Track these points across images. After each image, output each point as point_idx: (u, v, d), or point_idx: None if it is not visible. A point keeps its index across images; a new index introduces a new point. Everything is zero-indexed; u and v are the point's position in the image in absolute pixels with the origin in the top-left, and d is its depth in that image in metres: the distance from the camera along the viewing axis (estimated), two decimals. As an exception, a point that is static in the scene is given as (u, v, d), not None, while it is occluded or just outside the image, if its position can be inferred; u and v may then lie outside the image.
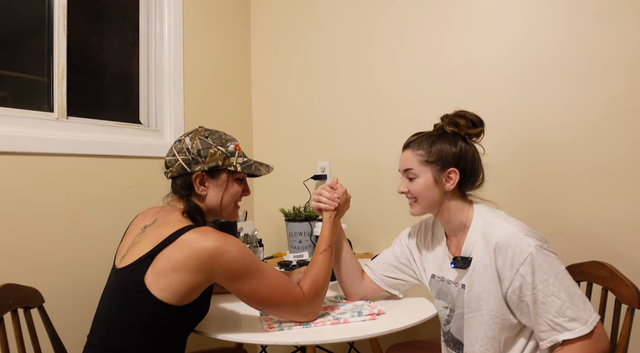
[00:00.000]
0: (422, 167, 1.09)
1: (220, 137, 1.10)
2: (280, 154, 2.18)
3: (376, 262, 1.29)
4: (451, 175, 1.08)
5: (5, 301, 0.98)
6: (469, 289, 1.05)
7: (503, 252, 0.98)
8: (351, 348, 1.90)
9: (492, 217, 1.06)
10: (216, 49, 2.03)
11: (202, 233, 0.95)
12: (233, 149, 1.10)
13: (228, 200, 1.10)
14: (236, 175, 1.11)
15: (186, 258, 0.91)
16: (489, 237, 1.02)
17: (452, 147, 1.09)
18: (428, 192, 1.09)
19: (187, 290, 0.93)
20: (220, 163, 1.07)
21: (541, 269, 0.94)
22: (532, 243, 0.95)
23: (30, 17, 1.39)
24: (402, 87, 1.87)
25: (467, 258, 1.06)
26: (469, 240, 1.07)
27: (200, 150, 1.05)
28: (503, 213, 1.09)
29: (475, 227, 1.07)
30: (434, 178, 1.09)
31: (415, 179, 1.10)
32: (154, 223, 1.04)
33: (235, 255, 0.95)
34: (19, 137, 1.23)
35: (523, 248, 0.95)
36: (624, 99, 1.46)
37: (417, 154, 1.10)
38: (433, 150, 1.09)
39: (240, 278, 0.97)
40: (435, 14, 1.79)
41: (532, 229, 1.01)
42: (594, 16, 1.50)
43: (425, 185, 1.09)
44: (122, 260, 1.00)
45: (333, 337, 1.02)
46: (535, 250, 0.94)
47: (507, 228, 1.00)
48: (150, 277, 0.92)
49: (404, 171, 1.13)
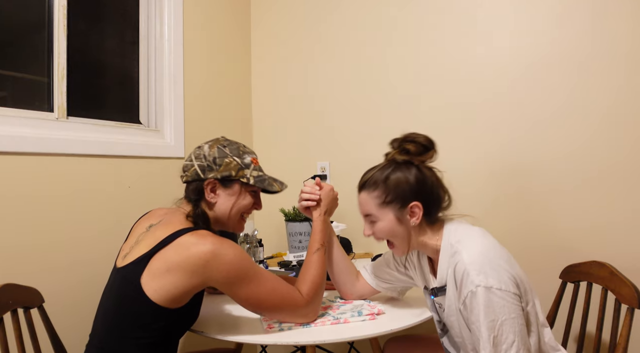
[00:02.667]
0: (381, 210, 1.03)
1: (238, 148, 1.10)
2: (280, 154, 2.18)
3: (375, 265, 1.27)
4: (414, 210, 1.01)
5: (5, 301, 0.98)
6: (447, 313, 1.03)
7: (458, 280, 0.93)
8: (351, 348, 1.90)
9: (456, 242, 0.98)
10: (216, 49, 2.03)
11: (199, 237, 0.95)
12: (249, 162, 1.10)
13: (236, 211, 1.10)
14: (249, 188, 1.11)
15: (182, 260, 0.91)
16: (452, 264, 0.97)
17: (408, 179, 1.02)
18: (395, 232, 1.03)
19: (179, 293, 0.93)
20: (234, 173, 1.07)
21: (476, 310, 0.88)
22: (476, 282, 0.88)
23: (30, 17, 1.39)
24: (402, 87, 1.86)
25: (442, 288, 1.02)
26: (440, 268, 1.02)
27: (216, 158, 1.06)
28: (476, 232, 1.01)
29: (444, 253, 1.01)
30: (396, 218, 1.02)
31: (377, 223, 1.04)
32: (159, 223, 1.04)
33: (231, 259, 0.94)
34: (19, 137, 1.23)
35: (467, 284, 0.90)
36: (618, 102, 1.46)
37: (373, 196, 1.03)
38: (389, 188, 1.02)
39: (237, 283, 0.97)
40: (438, 15, 1.79)
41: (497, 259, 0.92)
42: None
43: (389, 228, 1.03)
44: (123, 259, 1.01)
45: (333, 337, 1.02)
46: (476, 290, 0.88)
47: (463, 257, 0.93)
48: (145, 278, 0.92)
49: (365, 216, 1.07)
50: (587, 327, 1.23)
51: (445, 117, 1.76)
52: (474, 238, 0.98)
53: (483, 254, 0.93)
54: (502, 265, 0.92)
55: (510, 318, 0.87)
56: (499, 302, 0.87)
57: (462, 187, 1.72)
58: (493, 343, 0.86)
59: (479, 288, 0.88)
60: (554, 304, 1.35)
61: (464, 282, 0.91)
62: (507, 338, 0.86)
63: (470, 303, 0.89)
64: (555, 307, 1.34)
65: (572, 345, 1.43)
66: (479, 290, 0.87)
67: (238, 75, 2.18)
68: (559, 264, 1.36)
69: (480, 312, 0.87)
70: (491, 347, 0.86)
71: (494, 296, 0.87)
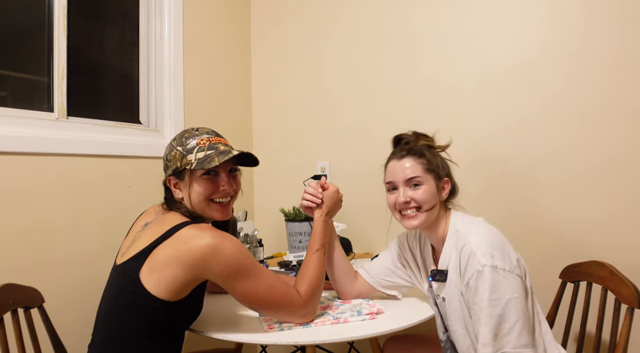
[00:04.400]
0: (426, 175, 1.07)
1: (182, 136, 1.05)
2: (280, 154, 2.18)
3: (373, 265, 1.27)
4: (444, 186, 1.09)
5: (5, 301, 0.98)
6: (449, 302, 1.04)
7: (463, 263, 0.96)
8: (351, 348, 1.90)
9: (462, 227, 1.03)
10: (216, 49, 2.03)
11: (198, 230, 0.95)
12: (193, 145, 1.02)
13: (196, 198, 1.03)
14: (198, 172, 1.02)
15: (180, 253, 0.91)
16: (458, 248, 1.00)
17: (437, 158, 1.10)
18: (433, 199, 1.07)
19: (178, 286, 0.92)
20: (179, 164, 1.02)
21: (482, 289, 0.90)
22: (482, 262, 0.91)
23: (30, 17, 1.39)
24: (402, 87, 1.86)
25: (443, 272, 1.05)
26: (444, 253, 1.06)
27: (167, 155, 1.05)
28: (478, 221, 1.06)
29: (450, 239, 1.05)
30: (436, 186, 1.08)
31: (421, 186, 1.06)
32: (154, 221, 1.05)
33: (229, 253, 0.93)
34: (19, 137, 1.23)
35: (473, 265, 0.92)
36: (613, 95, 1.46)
37: (420, 161, 1.08)
38: (431, 158, 1.09)
39: (235, 277, 0.96)
40: (438, 15, 1.79)
41: (501, 244, 0.96)
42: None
43: (430, 192, 1.06)
44: (122, 256, 1.01)
45: (333, 337, 1.02)
46: (482, 269, 0.90)
47: (470, 240, 0.97)
48: (145, 272, 0.92)
49: (408, 180, 1.08)
50: (587, 327, 1.23)
51: (445, 116, 1.76)
52: (480, 225, 1.04)
53: (489, 238, 0.97)
54: (507, 249, 0.95)
55: (514, 298, 0.88)
56: (503, 281, 0.89)
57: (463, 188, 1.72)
58: (496, 322, 0.88)
59: (485, 268, 0.90)
60: (553, 304, 1.35)
61: (470, 263, 0.93)
62: (510, 318, 0.88)
63: (476, 283, 0.91)
64: (555, 306, 1.34)
65: (572, 345, 1.43)
66: (485, 269, 0.90)
67: (238, 75, 2.18)
68: (558, 264, 1.36)
69: (485, 291, 0.89)
70: (494, 324, 0.87)
71: (499, 276, 0.89)
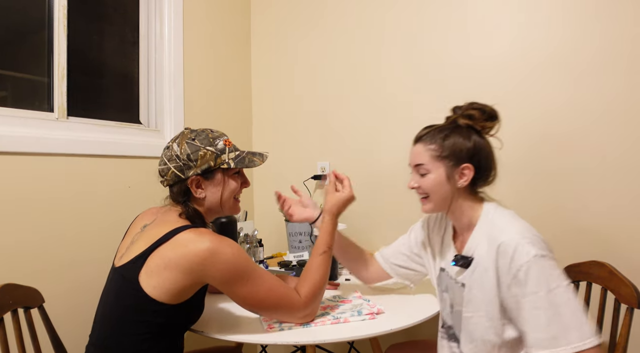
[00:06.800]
0: (434, 163, 1.05)
1: (207, 137, 1.07)
2: (281, 154, 2.18)
3: (390, 249, 1.29)
4: (465, 171, 1.04)
5: (6, 301, 0.98)
6: (468, 289, 1.04)
7: (504, 255, 0.94)
8: (351, 348, 1.90)
9: (499, 218, 1.02)
10: (216, 49, 2.03)
11: (197, 234, 0.95)
12: (223, 146, 1.07)
13: (227, 196, 1.09)
14: (231, 171, 1.09)
15: (179, 257, 0.91)
16: (493, 239, 0.98)
17: (466, 142, 1.04)
18: (440, 189, 1.05)
19: (178, 290, 0.92)
20: (213, 163, 1.04)
21: (534, 280, 0.89)
22: (532, 252, 0.90)
23: (30, 17, 1.39)
24: (402, 87, 1.86)
25: (467, 258, 1.04)
26: (472, 240, 1.04)
27: (190, 154, 1.03)
28: (512, 213, 1.04)
29: (480, 227, 1.03)
30: (446, 175, 1.04)
31: (427, 175, 1.06)
32: (152, 223, 1.04)
33: (228, 258, 0.94)
34: (19, 137, 1.23)
35: (522, 255, 0.91)
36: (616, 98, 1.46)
37: (429, 148, 1.06)
38: (446, 144, 1.04)
39: (235, 282, 0.96)
40: (438, 14, 1.79)
41: (539, 235, 0.96)
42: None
43: (437, 181, 1.05)
44: (120, 259, 1.01)
45: (333, 337, 1.02)
46: (533, 259, 0.89)
47: (511, 231, 0.96)
48: (143, 275, 0.92)
49: (415, 166, 1.09)
50: (586, 327, 1.23)
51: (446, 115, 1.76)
52: (514, 218, 1.01)
53: (530, 230, 0.96)
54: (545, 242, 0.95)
55: (564, 285, 0.89)
56: (555, 269, 0.90)
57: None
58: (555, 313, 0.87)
59: (536, 258, 0.89)
60: (553, 304, 1.34)
61: (517, 255, 0.91)
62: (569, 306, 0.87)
63: (527, 274, 0.89)
64: (555, 306, 1.34)
65: (572, 344, 1.43)
66: (536, 259, 0.89)
67: (238, 75, 2.18)
68: (558, 264, 1.35)
69: (541, 279, 0.88)
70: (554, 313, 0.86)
71: (550, 264, 0.90)
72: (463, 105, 1.09)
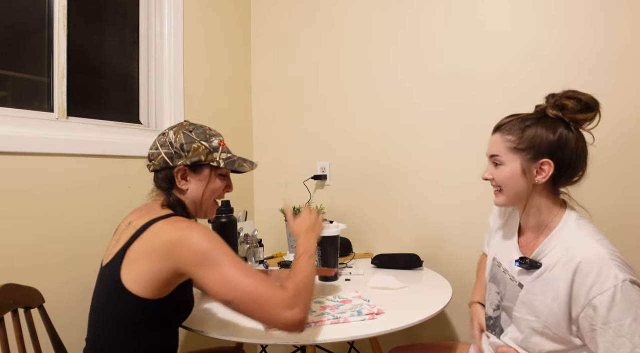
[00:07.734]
0: (510, 154, 0.98)
1: (204, 132, 1.09)
2: (280, 154, 2.18)
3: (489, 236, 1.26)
4: (544, 167, 0.95)
5: (6, 301, 0.99)
6: (526, 292, 0.98)
7: (584, 274, 0.87)
8: (351, 348, 1.90)
9: (581, 231, 0.93)
10: (216, 49, 2.03)
11: (169, 222, 0.95)
12: (217, 144, 1.09)
13: (209, 195, 1.09)
14: (219, 171, 1.10)
15: (151, 247, 0.91)
16: (573, 252, 0.90)
17: (549, 134, 0.95)
18: (514, 183, 0.99)
19: (156, 281, 0.91)
20: (203, 158, 1.06)
21: (620, 307, 0.82)
22: (620, 277, 0.83)
23: (30, 17, 1.39)
24: (402, 87, 1.86)
25: (536, 263, 0.96)
26: (546, 245, 0.96)
27: (183, 144, 1.05)
28: (593, 227, 0.95)
29: (558, 234, 0.95)
30: (522, 168, 0.97)
31: (501, 166, 1.00)
32: (138, 219, 1.04)
33: (197, 240, 0.90)
34: (19, 137, 1.23)
35: (608, 279, 0.84)
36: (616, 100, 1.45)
37: (506, 139, 0.99)
38: (525, 136, 0.96)
39: (203, 264, 0.88)
40: (438, 15, 1.79)
41: (622, 256, 0.88)
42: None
43: (510, 175, 0.99)
44: (107, 257, 1.01)
45: (333, 337, 1.02)
46: (621, 285, 0.83)
47: (597, 250, 0.88)
48: (124, 269, 0.92)
49: (490, 157, 1.03)
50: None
51: (446, 117, 1.76)
52: (597, 233, 0.93)
53: (616, 252, 0.89)
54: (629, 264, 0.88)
55: None
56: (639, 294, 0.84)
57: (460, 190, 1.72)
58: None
59: (625, 283, 0.83)
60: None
61: (601, 278, 0.85)
62: None
63: (612, 299, 0.83)
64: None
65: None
66: (625, 285, 0.83)
67: (238, 76, 2.18)
68: None
69: (629, 306, 0.82)
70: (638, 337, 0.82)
71: (637, 290, 0.84)
72: (558, 93, 0.99)
